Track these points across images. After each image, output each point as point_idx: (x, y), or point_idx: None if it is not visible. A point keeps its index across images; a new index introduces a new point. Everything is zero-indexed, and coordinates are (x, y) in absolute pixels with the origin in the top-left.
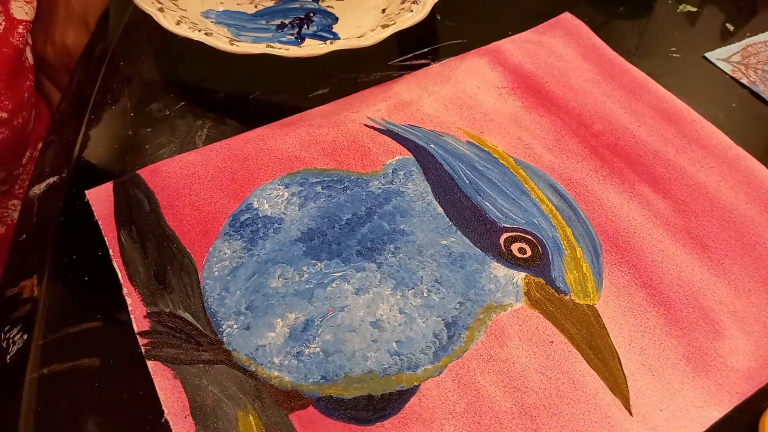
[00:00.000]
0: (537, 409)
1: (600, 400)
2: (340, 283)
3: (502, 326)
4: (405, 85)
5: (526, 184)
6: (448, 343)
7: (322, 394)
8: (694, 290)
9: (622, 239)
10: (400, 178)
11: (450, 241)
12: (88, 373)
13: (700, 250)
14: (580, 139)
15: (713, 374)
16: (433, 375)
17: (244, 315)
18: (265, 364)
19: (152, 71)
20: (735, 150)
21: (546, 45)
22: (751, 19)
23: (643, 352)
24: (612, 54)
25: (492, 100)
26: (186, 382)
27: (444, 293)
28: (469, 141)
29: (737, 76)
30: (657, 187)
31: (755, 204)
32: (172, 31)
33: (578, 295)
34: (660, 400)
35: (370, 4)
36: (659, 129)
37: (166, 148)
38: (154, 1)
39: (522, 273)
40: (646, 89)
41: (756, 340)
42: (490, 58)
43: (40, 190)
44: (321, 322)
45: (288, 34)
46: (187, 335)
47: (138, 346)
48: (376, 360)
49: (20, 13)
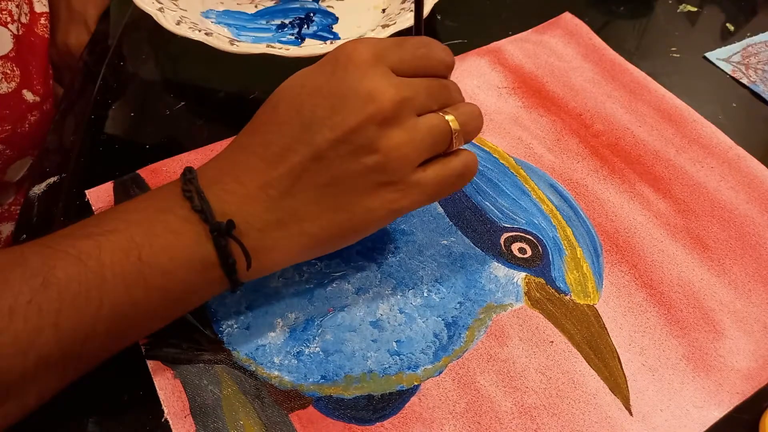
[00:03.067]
0: (537, 408)
1: (600, 400)
2: (340, 283)
3: (502, 326)
4: None
5: (526, 184)
6: (448, 343)
7: (322, 393)
8: (694, 290)
9: (622, 239)
10: None
11: (450, 241)
12: (88, 373)
13: (700, 250)
14: (580, 139)
15: (713, 374)
16: (433, 375)
17: (244, 315)
18: (265, 364)
19: (152, 71)
20: (735, 150)
21: (546, 45)
22: (751, 19)
23: (643, 352)
24: (612, 54)
25: (492, 100)
26: (186, 382)
27: (444, 293)
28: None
29: (737, 76)
30: (657, 187)
31: (755, 204)
32: (172, 31)
33: (578, 295)
34: (660, 400)
35: (370, 4)
36: (659, 129)
37: (166, 148)
38: (154, 1)
39: (522, 273)
40: (647, 89)
41: (756, 340)
42: (490, 58)
43: (40, 190)
44: (321, 322)
45: (288, 34)
46: (187, 335)
47: (138, 345)
48: (376, 360)
49: (39, 6)
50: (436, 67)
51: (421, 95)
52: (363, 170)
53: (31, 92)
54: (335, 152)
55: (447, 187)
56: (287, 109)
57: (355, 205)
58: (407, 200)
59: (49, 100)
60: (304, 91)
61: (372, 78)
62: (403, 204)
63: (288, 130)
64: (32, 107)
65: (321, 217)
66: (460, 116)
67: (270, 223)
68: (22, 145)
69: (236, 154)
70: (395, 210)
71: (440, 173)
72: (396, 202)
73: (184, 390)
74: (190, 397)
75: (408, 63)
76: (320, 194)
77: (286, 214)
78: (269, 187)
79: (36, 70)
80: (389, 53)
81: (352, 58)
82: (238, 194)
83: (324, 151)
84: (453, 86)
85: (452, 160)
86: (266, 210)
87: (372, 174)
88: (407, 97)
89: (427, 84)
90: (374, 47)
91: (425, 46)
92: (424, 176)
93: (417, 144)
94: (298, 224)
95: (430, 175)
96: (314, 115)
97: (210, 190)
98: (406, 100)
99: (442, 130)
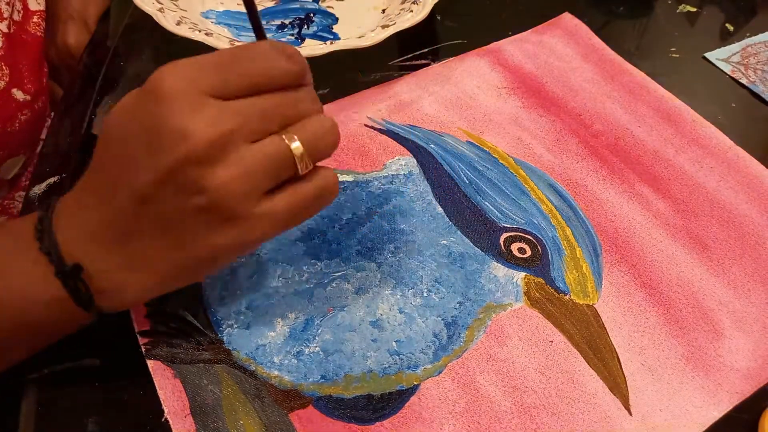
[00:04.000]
0: (536, 408)
1: (599, 399)
2: (340, 283)
3: (501, 326)
4: (405, 85)
5: (526, 184)
6: (447, 343)
7: (322, 393)
8: (693, 290)
9: (621, 239)
10: (400, 178)
11: (450, 241)
12: (88, 373)
13: (699, 250)
14: (580, 139)
15: (713, 374)
16: (432, 375)
17: (244, 314)
18: (265, 364)
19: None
20: (735, 150)
21: (546, 45)
22: (751, 19)
23: (642, 352)
24: (612, 54)
25: (492, 100)
26: (186, 382)
27: (444, 293)
28: (468, 141)
29: (737, 76)
30: (657, 187)
31: (755, 204)
32: (172, 31)
33: (578, 295)
34: (660, 399)
35: (370, 5)
36: (659, 129)
37: None
38: (154, 1)
39: (522, 273)
40: (646, 89)
41: (756, 340)
42: (490, 58)
43: (40, 190)
44: (321, 322)
45: (288, 34)
46: (187, 335)
47: (138, 345)
48: (376, 359)
49: (34, 4)
50: (278, 79)
51: (251, 121)
52: (194, 210)
53: (21, 91)
54: (161, 194)
55: (302, 213)
56: (113, 143)
57: (199, 242)
58: (256, 233)
59: (42, 98)
60: (124, 123)
61: (182, 113)
62: (251, 238)
63: (112, 168)
64: (23, 106)
65: (166, 256)
66: (306, 135)
67: (113, 262)
68: (13, 144)
69: (80, 191)
70: (244, 244)
71: (290, 201)
72: (243, 237)
73: (184, 390)
74: (190, 397)
75: (235, 83)
76: (160, 233)
77: (129, 255)
78: (105, 227)
79: (27, 69)
80: (207, 77)
81: (162, 89)
82: (82, 234)
83: (148, 194)
84: (302, 97)
85: (303, 185)
86: (108, 252)
87: (205, 214)
88: (227, 130)
89: (260, 105)
90: (188, 72)
91: (260, 58)
92: (272, 206)
93: (249, 177)
94: (144, 264)
95: (279, 204)
96: (133, 153)
97: (59, 229)
98: (227, 134)
99: (280, 157)
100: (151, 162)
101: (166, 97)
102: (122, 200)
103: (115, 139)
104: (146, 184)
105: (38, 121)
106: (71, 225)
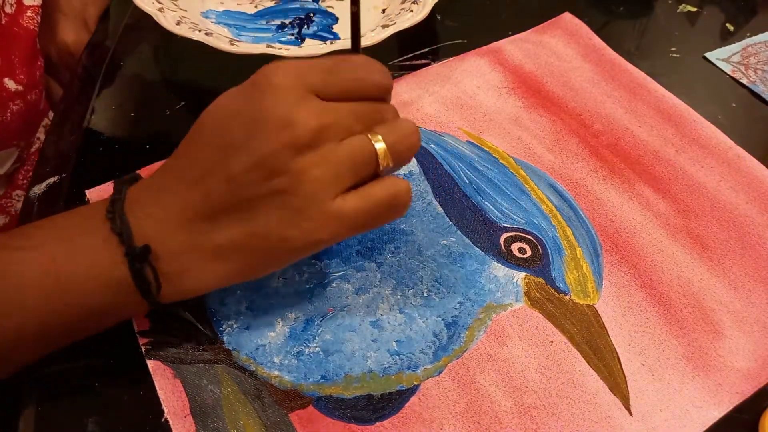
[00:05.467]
0: (537, 408)
1: (600, 399)
2: (340, 283)
3: (502, 326)
4: (405, 85)
5: (526, 184)
6: (448, 343)
7: (322, 393)
8: (693, 290)
9: (622, 239)
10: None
11: (450, 241)
12: (88, 373)
13: (699, 250)
14: (580, 139)
15: (713, 374)
16: (432, 375)
17: (244, 315)
18: (265, 364)
19: (152, 71)
20: (735, 150)
21: (546, 45)
22: (751, 19)
23: (642, 352)
24: (612, 54)
25: (492, 100)
26: (186, 382)
27: (444, 293)
28: (469, 141)
29: (737, 76)
30: (657, 187)
31: (755, 204)
32: (172, 31)
33: (578, 295)
34: (660, 399)
35: (370, 5)
36: (659, 129)
37: (166, 148)
38: (154, 1)
39: (522, 273)
40: (646, 89)
41: (756, 340)
42: (490, 58)
43: (40, 190)
44: (321, 322)
45: (288, 34)
46: (187, 335)
47: (138, 345)
48: (376, 360)
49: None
50: (369, 90)
51: (345, 120)
52: (272, 192)
53: (13, 81)
54: (248, 177)
55: (372, 219)
56: (210, 132)
57: (270, 232)
58: (326, 232)
59: (35, 91)
60: (225, 114)
61: (289, 103)
62: (320, 236)
63: (208, 153)
64: (14, 96)
65: (236, 243)
66: (390, 134)
67: (185, 245)
68: (5, 134)
69: (161, 177)
70: (312, 242)
71: (361, 203)
72: (313, 234)
73: (184, 390)
74: (190, 397)
75: (335, 86)
76: (235, 219)
77: (202, 236)
78: (187, 210)
79: (19, 60)
80: (312, 76)
81: (271, 82)
82: (157, 217)
83: (237, 175)
84: (387, 108)
85: (378, 190)
86: (182, 232)
87: (282, 196)
88: (327, 123)
89: (354, 108)
90: (296, 70)
91: (360, 68)
92: (344, 205)
93: (331, 165)
94: (214, 248)
95: (350, 205)
96: (233, 139)
97: (132, 211)
98: (326, 127)
99: (363, 152)
100: (251, 146)
101: (276, 89)
102: (211, 181)
103: (213, 127)
104: (240, 165)
105: (31, 113)
106: (146, 207)
